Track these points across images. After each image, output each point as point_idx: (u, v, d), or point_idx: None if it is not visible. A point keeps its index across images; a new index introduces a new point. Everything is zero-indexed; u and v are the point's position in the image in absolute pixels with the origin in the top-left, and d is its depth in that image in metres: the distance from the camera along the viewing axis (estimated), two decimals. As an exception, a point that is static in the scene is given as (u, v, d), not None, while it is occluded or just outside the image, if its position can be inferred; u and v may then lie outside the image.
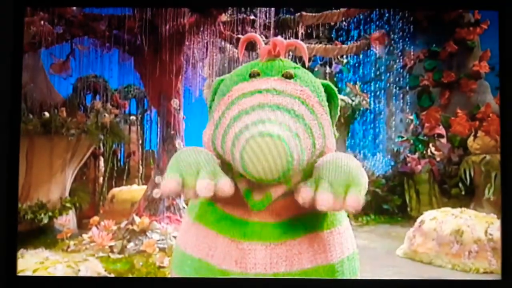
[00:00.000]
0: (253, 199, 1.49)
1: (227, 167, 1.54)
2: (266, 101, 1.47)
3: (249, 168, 1.34)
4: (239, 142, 1.36)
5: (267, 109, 1.44)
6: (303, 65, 1.74)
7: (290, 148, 1.33)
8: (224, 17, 5.36)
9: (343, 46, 5.93)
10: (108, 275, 3.64)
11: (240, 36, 5.51)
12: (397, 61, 7.58)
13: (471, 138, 6.32)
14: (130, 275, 3.79)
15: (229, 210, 1.56)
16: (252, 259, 1.50)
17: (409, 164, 6.74)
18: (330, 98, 1.68)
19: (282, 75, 1.58)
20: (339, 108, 1.73)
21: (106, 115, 5.78)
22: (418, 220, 4.93)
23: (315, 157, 1.51)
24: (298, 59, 6.08)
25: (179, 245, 1.71)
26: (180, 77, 5.16)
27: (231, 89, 1.58)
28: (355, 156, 7.57)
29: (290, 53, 5.86)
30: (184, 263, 1.64)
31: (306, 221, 1.56)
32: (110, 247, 4.23)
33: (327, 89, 1.68)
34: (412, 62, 7.49)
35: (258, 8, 5.35)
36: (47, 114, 5.29)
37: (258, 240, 1.51)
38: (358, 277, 1.71)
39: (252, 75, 1.59)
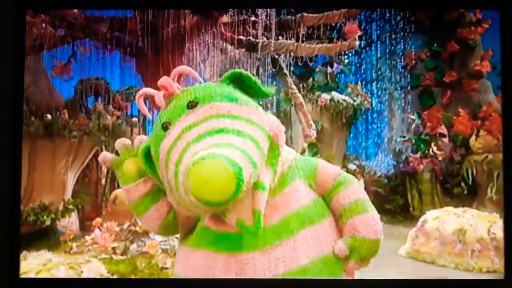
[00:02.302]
0: (248, 225, 1.43)
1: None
2: (188, 141, 1.42)
3: (197, 193, 1.29)
4: (187, 182, 1.32)
5: (192, 146, 1.39)
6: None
7: (238, 167, 1.28)
8: (225, 19, 5.37)
9: (344, 42, 5.91)
10: (111, 277, 3.64)
11: (241, 37, 5.52)
12: (399, 61, 7.58)
13: (473, 137, 6.31)
14: (133, 277, 3.79)
15: (223, 228, 1.55)
16: (252, 267, 1.51)
17: (411, 164, 6.73)
18: (243, 83, 1.59)
19: (188, 108, 1.50)
20: (254, 82, 1.59)
21: (108, 117, 5.79)
22: (421, 219, 4.93)
23: (266, 145, 1.46)
24: (299, 59, 6.11)
25: (176, 273, 1.71)
26: (182, 78, 5.16)
27: (158, 152, 1.50)
28: (357, 158, 7.59)
29: (291, 53, 5.89)
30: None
31: (297, 218, 1.57)
32: (113, 248, 4.23)
33: (234, 76, 1.59)
34: (414, 62, 7.50)
35: (259, 10, 5.35)
36: (49, 116, 5.30)
37: (254, 248, 1.52)
38: (360, 276, 1.72)
39: (165, 128, 1.51)
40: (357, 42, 5.82)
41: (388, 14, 7.20)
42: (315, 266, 1.54)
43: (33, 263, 3.28)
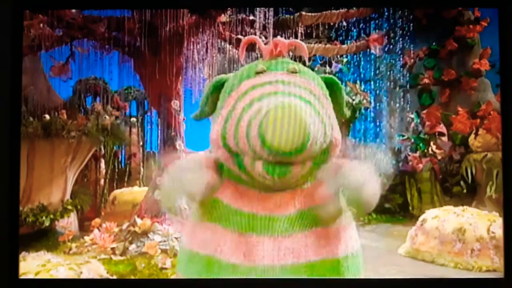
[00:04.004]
0: (276, 170, 1.49)
1: (235, 161, 1.57)
2: (277, 90, 1.52)
3: (267, 137, 1.37)
4: (256, 119, 1.41)
5: (280, 95, 1.49)
6: (304, 64, 1.77)
7: (308, 121, 1.38)
8: (223, 18, 5.36)
9: (343, 46, 5.92)
10: (110, 277, 3.64)
11: (239, 36, 5.51)
12: (397, 59, 7.57)
13: (472, 136, 6.31)
14: (132, 277, 3.79)
15: (237, 206, 1.58)
16: (260, 252, 1.53)
17: (410, 163, 6.73)
18: (333, 92, 1.71)
19: (287, 71, 1.60)
20: (343, 99, 1.75)
21: (107, 117, 5.77)
22: (420, 218, 4.92)
23: (325, 145, 1.52)
24: (298, 58, 6.09)
25: (184, 246, 1.74)
26: (180, 78, 5.16)
27: (239, 85, 1.61)
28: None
29: (289, 53, 5.88)
30: (191, 261, 1.65)
31: (313, 216, 1.58)
32: (112, 249, 4.22)
33: (330, 82, 1.72)
34: (412, 60, 7.48)
35: (257, 9, 5.34)
36: (47, 116, 5.28)
37: (266, 233, 1.54)
38: (361, 276, 1.71)
39: (258, 72, 1.62)
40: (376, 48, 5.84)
41: (386, 13, 7.20)
42: (323, 265, 1.54)
43: (32, 264, 3.27)
